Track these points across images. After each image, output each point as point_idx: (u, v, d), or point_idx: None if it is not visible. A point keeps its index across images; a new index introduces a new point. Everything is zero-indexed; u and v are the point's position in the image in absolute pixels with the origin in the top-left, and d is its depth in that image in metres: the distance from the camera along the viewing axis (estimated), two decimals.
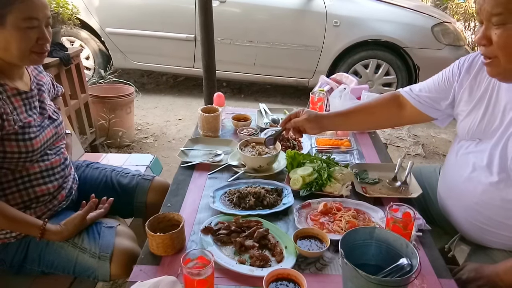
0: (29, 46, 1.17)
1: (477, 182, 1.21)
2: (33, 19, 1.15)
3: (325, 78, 2.42)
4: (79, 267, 1.26)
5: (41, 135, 1.27)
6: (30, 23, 1.14)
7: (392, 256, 0.96)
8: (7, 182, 1.23)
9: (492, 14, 1.00)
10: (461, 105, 1.30)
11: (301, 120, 1.44)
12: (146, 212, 1.55)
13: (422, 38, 3.94)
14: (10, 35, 1.13)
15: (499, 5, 0.98)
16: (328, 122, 1.48)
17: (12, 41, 1.14)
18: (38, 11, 1.15)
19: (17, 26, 1.12)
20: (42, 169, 1.29)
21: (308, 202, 1.33)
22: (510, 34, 0.99)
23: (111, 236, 1.28)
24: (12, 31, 1.12)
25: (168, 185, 1.50)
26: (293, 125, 1.46)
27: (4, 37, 1.13)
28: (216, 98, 2.09)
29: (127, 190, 1.56)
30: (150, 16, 4.24)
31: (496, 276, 1.11)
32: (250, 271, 1.03)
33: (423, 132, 3.96)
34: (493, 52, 1.04)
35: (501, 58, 1.03)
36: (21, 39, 1.14)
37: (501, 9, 0.98)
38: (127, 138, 3.39)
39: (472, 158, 1.24)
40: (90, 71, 4.47)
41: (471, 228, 1.27)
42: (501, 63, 1.04)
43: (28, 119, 1.23)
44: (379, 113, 1.49)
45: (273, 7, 4.08)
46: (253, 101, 4.55)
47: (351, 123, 1.54)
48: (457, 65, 1.31)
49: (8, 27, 1.12)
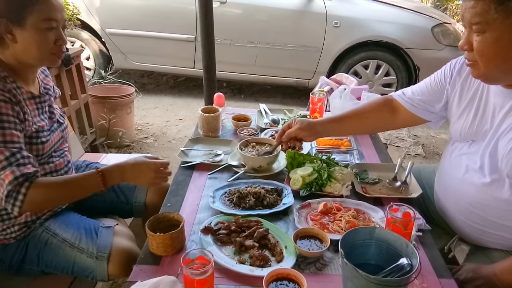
0: (48, 48, 1.19)
1: (470, 183, 1.22)
2: (52, 20, 1.16)
3: (325, 78, 2.42)
4: (77, 267, 1.26)
5: (50, 139, 1.28)
6: (49, 24, 1.16)
7: (392, 256, 0.96)
8: None
9: (471, 23, 1.04)
10: (453, 107, 1.31)
11: (294, 130, 1.44)
12: (146, 212, 1.55)
13: (422, 39, 3.94)
14: (30, 36, 1.14)
15: (477, 16, 1.01)
16: (322, 128, 1.48)
17: (32, 42, 1.15)
18: (57, 13, 1.17)
19: (37, 27, 1.14)
20: (47, 171, 1.30)
21: (308, 202, 1.33)
22: (488, 42, 1.03)
23: (108, 236, 1.28)
24: (32, 32, 1.14)
25: (168, 185, 1.50)
26: (288, 136, 1.46)
27: (24, 38, 1.14)
28: (216, 98, 2.09)
29: (126, 190, 1.56)
30: (151, 17, 4.24)
31: (494, 276, 1.11)
32: (250, 271, 1.03)
33: (423, 132, 3.97)
34: (474, 57, 1.08)
35: (480, 63, 1.07)
36: (40, 40, 1.16)
37: (479, 19, 1.01)
38: (127, 138, 3.40)
39: (465, 160, 1.25)
40: (90, 72, 4.47)
41: (467, 228, 1.28)
42: (481, 67, 1.08)
43: (41, 123, 1.25)
44: (373, 118, 1.50)
45: (273, 8, 4.09)
46: (253, 101, 4.56)
47: (345, 128, 1.54)
48: (449, 67, 1.33)
49: (28, 28, 1.13)
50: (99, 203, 1.53)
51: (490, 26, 1.00)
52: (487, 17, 1.00)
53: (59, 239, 1.27)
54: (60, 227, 1.30)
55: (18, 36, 1.14)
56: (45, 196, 1.16)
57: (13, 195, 1.10)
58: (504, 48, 1.02)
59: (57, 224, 1.31)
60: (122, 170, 1.25)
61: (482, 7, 1.00)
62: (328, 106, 2.12)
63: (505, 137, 1.12)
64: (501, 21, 0.99)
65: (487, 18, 1.00)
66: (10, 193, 1.10)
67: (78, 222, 1.34)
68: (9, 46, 1.16)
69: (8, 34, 1.13)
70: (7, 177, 1.09)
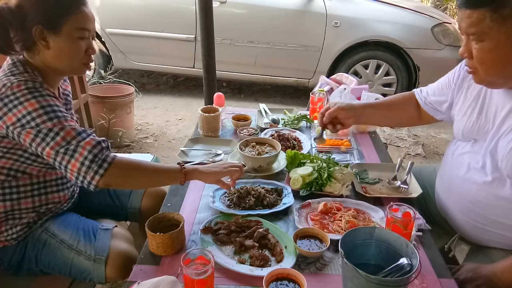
0: (80, 56, 1.21)
1: (472, 182, 1.22)
2: (85, 30, 1.19)
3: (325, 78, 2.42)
4: (75, 269, 1.26)
5: None
6: (82, 34, 1.18)
7: (392, 256, 0.96)
8: (23, 186, 1.24)
9: (468, 33, 1.05)
10: (458, 105, 1.32)
11: (335, 109, 1.41)
12: (140, 217, 1.55)
13: (422, 38, 3.93)
14: (63, 44, 1.16)
15: (473, 26, 1.02)
16: (361, 110, 1.46)
17: (65, 49, 1.17)
18: (90, 23, 1.20)
19: (71, 35, 1.16)
20: (58, 176, 1.31)
21: (308, 202, 1.33)
22: (486, 50, 1.04)
23: (106, 238, 1.28)
24: (65, 40, 1.16)
25: (164, 191, 1.50)
26: (329, 116, 1.41)
27: (58, 45, 1.16)
28: (216, 98, 2.09)
29: (122, 195, 1.56)
30: (151, 17, 4.24)
31: (494, 275, 1.11)
32: (250, 271, 1.03)
33: (423, 132, 3.96)
34: (474, 65, 1.09)
35: (480, 70, 1.08)
36: (73, 48, 1.18)
37: (475, 29, 1.02)
38: (127, 138, 3.40)
39: (467, 158, 1.26)
40: (90, 71, 4.46)
41: (468, 227, 1.28)
42: (482, 74, 1.09)
43: None
44: (401, 111, 1.51)
45: (273, 8, 4.08)
46: (253, 101, 4.55)
47: (377, 116, 1.53)
48: (458, 68, 1.34)
49: (62, 36, 1.15)
50: (96, 206, 1.53)
51: (487, 34, 1.01)
52: (483, 26, 1.01)
53: (58, 240, 1.27)
54: (59, 228, 1.30)
55: (51, 43, 1.15)
56: (127, 172, 1.15)
57: (98, 161, 1.08)
58: (502, 55, 1.03)
59: (56, 225, 1.31)
60: (200, 173, 1.25)
61: (477, 17, 1.01)
62: None
63: (505, 138, 1.12)
64: (497, 29, 1.00)
65: (483, 27, 1.01)
66: (95, 158, 1.08)
67: (77, 223, 1.33)
68: (39, 52, 1.17)
69: (42, 41, 1.14)
70: (88, 144, 1.09)
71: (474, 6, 1.01)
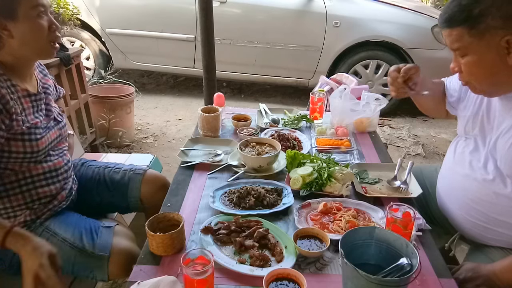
0: (45, 35, 1.20)
1: (473, 179, 1.23)
2: (40, 6, 1.18)
3: (325, 78, 2.43)
4: (77, 267, 1.26)
5: (46, 136, 1.28)
6: (38, 10, 1.17)
7: (392, 256, 0.96)
8: (10, 183, 1.24)
9: (453, 48, 1.10)
10: (464, 102, 1.34)
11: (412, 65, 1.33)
12: (142, 206, 1.56)
13: (422, 38, 3.94)
14: (25, 27, 1.16)
15: (455, 42, 1.08)
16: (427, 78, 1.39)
17: (28, 32, 1.17)
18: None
19: (29, 16, 1.16)
20: (45, 170, 1.30)
21: (308, 202, 1.33)
22: (472, 64, 1.08)
23: (109, 236, 1.28)
24: (25, 22, 1.16)
25: (163, 177, 1.49)
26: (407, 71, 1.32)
27: (20, 31, 1.16)
28: (216, 98, 2.09)
29: (120, 186, 1.55)
30: (151, 17, 4.24)
31: (493, 275, 1.12)
32: (250, 271, 1.03)
33: (423, 132, 3.96)
34: (466, 78, 1.13)
35: (473, 82, 1.12)
36: (35, 28, 1.18)
37: (457, 45, 1.08)
38: (127, 138, 3.40)
39: (468, 156, 1.27)
40: (90, 71, 4.47)
41: (468, 225, 1.28)
42: (476, 86, 1.13)
43: (35, 120, 1.25)
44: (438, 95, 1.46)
45: (273, 8, 4.08)
46: (253, 101, 4.56)
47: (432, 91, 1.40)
48: None
49: (21, 20, 1.15)
50: (97, 202, 1.54)
51: (469, 49, 1.06)
52: (463, 42, 1.05)
53: (59, 239, 1.27)
54: (60, 227, 1.30)
55: (13, 30, 1.15)
56: None
57: None
58: (488, 66, 1.06)
59: (57, 224, 1.31)
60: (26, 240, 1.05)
61: (456, 34, 1.06)
62: (328, 106, 2.12)
63: (503, 137, 1.13)
64: (477, 43, 1.04)
65: (464, 43, 1.06)
66: None
67: (78, 222, 1.34)
68: (5, 45, 1.17)
69: (4, 31, 1.14)
70: None
71: (451, 25, 1.07)
